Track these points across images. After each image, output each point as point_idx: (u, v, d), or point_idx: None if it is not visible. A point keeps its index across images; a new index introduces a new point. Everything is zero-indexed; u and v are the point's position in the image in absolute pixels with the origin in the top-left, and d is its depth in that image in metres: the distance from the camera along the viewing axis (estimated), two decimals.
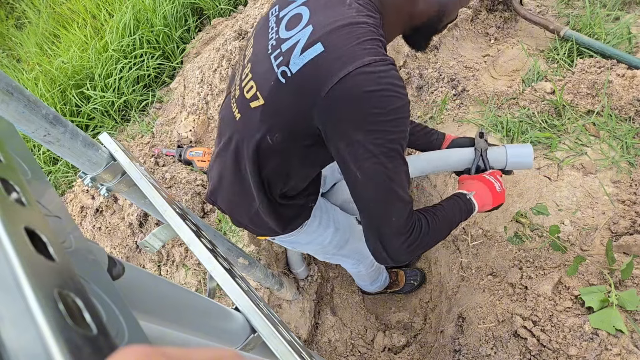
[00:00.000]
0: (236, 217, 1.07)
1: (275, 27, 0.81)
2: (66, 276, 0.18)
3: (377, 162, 0.71)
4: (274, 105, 0.78)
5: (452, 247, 1.65)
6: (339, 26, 0.70)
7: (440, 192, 1.73)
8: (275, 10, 0.84)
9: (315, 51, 0.70)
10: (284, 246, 1.28)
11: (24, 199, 0.21)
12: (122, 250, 1.87)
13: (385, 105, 0.68)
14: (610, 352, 1.05)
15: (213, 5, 2.82)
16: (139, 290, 0.39)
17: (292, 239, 1.14)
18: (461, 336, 1.34)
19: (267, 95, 0.78)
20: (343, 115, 0.70)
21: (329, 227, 1.19)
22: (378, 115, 0.68)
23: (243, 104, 0.86)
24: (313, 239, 1.18)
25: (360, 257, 1.46)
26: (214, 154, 1.02)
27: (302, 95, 0.73)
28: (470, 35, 2.09)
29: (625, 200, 1.29)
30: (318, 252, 1.32)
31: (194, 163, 2.04)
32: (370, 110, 0.68)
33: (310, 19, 0.74)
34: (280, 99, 0.77)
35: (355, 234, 1.32)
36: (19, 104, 0.60)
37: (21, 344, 0.14)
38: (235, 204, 1.04)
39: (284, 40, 0.76)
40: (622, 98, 1.48)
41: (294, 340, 0.60)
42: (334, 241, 1.24)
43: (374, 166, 0.71)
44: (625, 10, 1.85)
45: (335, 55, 0.68)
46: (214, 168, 1.03)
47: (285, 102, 0.76)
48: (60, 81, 2.63)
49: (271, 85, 0.77)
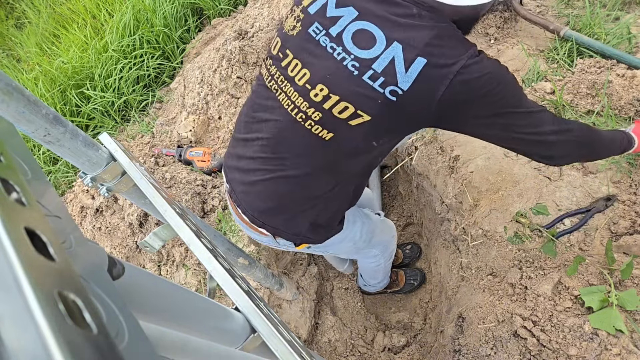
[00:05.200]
0: (294, 229, 1.09)
1: (337, 46, 0.84)
2: (66, 276, 0.18)
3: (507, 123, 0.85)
4: (383, 120, 0.86)
5: (452, 247, 1.65)
6: (429, 39, 0.78)
7: (440, 192, 1.73)
8: (317, 29, 0.87)
9: (420, 64, 0.78)
10: (317, 253, 1.30)
11: (24, 199, 0.21)
12: (122, 250, 1.87)
13: (494, 85, 0.79)
14: (610, 352, 1.05)
15: (213, 5, 2.82)
16: (139, 290, 0.39)
17: (328, 242, 1.17)
18: (461, 336, 1.34)
19: (375, 113, 0.85)
20: (463, 106, 0.81)
21: (356, 222, 1.25)
22: (493, 95, 0.80)
23: (334, 123, 0.88)
24: (345, 236, 1.22)
25: (384, 248, 1.51)
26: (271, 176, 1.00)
27: (417, 105, 0.82)
28: (470, 35, 2.09)
29: (625, 200, 1.29)
30: (351, 249, 1.35)
31: (194, 163, 2.04)
32: (485, 93, 0.79)
33: (386, 34, 0.80)
34: (391, 114, 0.85)
35: (378, 225, 1.39)
36: (19, 104, 0.60)
37: (21, 343, 0.14)
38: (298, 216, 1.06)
39: (369, 60, 0.81)
40: (622, 98, 1.48)
41: (294, 340, 0.60)
42: (364, 234, 1.29)
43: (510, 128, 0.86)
44: (625, 10, 1.85)
45: (439, 63, 0.77)
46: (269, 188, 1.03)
47: (397, 116, 0.85)
48: (60, 81, 2.63)
49: (379, 104, 0.83)
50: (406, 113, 0.84)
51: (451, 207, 1.64)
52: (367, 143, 0.91)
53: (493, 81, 0.79)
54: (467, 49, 0.79)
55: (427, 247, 2.07)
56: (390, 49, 0.80)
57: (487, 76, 0.78)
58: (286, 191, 1.01)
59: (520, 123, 0.86)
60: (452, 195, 1.62)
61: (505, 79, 0.82)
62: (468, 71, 0.77)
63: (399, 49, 0.79)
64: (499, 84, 0.80)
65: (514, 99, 0.84)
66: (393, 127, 0.89)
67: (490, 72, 0.79)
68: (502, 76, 0.82)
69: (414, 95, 0.80)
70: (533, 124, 0.87)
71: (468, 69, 0.77)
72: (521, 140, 0.89)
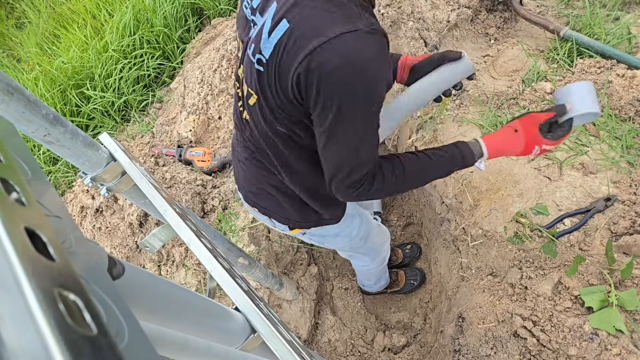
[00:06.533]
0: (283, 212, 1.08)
1: (252, 16, 0.79)
2: (66, 276, 0.18)
3: (346, 127, 0.72)
4: (265, 96, 0.77)
5: (452, 247, 1.65)
6: (292, 3, 0.67)
7: (440, 192, 1.73)
8: (250, 9, 0.81)
9: (282, 29, 0.67)
10: (313, 243, 1.29)
11: (24, 199, 0.21)
12: (122, 250, 1.87)
13: (350, 81, 0.66)
14: (610, 352, 1.05)
15: (213, 5, 2.81)
16: (139, 290, 0.39)
17: (324, 232, 1.16)
18: (461, 336, 1.34)
19: (257, 88, 0.77)
20: (312, 91, 0.69)
21: (355, 218, 1.23)
22: (345, 92, 0.67)
23: (246, 104, 0.86)
24: (342, 230, 1.20)
25: (375, 254, 1.51)
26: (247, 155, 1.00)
27: (280, 79, 0.71)
28: (470, 35, 2.09)
29: (625, 200, 1.29)
30: (345, 245, 1.34)
31: (194, 163, 2.04)
32: (334, 87, 0.67)
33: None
34: (263, 88, 0.76)
35: (374, 228, 1.37)
36: (19, 104, 0.60)
37: (21, 343, 0.14)
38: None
39: (258, 26, 0.75)
40: (622, 98, 1.48)
41: (294, 340, 0.60)
42: (361, 232, 1.28)
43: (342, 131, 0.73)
44: (625, 10, 1.85)
45: (299, 32, 0.66)
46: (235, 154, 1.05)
47: (271, 92, 0.75)
48: (60, 81, 2.63)
49: (255, 76, 0.76)
50: (276, 88, 0.73)
51: (451, 207, 1.64)
52: (271, 126, 0.82)
53: (349, 71, 0.65)
54: (345, 24, 0.64)
55: (427, 247, 2.07)
56: (269, 10, 0.71)
57: (345, 63, 0.64)
58: (257, 173, 1.01)
59: (347, 135, 0.73)
60: (452, 195, 1.62)
61: (365, 77, 0.67)
62: (329, 49, 0.63)
63: (272, 9, 0.70)
64: (354, 78, 0.66)
65: (360, 104, 0.70)
66: (279, 106, 0.76)
67: (352, 61, 0.64)
68: (363, 72, 0.66)
69: (274, 66, 0.70)
70: (357, 145, 0.75)
71: (330, 46, 0.63)
72: (335, 152, 0.77)
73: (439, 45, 1.99)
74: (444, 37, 2.00)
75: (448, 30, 2.00)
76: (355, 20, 0.65)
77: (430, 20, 1.96)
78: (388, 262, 2.05)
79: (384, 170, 0.82)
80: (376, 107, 0.72)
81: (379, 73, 0.68)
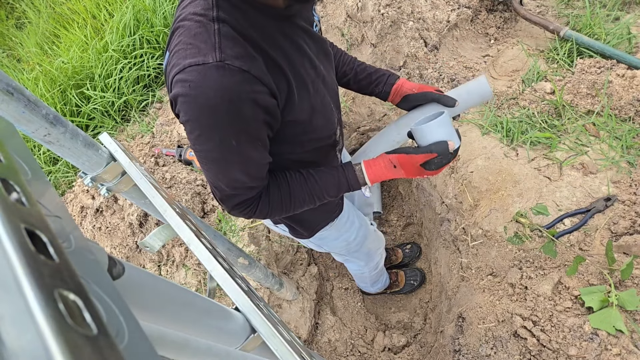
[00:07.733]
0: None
1: None
2: (66, 276, 0.18)
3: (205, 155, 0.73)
4: None
5: (452, 247, 1.65)
6: (173, 30, 0.70)
7: (440, 192, 1.73)
8: None
9: (165, 60, 0.71)
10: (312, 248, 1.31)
11: (24, 199, 0.21)
12: (122, 250, 1.87)
13: (192, 116, 0.66)
14: (610, 352, 1.05)
15: None
16: (139, 290, 0.39)
17: (323, 234, 1.18)
18: (461, 336, 1.34)
19: None
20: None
21: (354, 223, 1.26)
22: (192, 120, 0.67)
23: None
24: (341, 235, 1.24)
25: (368, 258, 1.53)
26: None
27: None
28: (470, 35, 2.09)
29: (625, 200, 1.29)
30: (342, 249, 1.36)
31: (194, 163, 2.04)
32: (184, 119, 0.67)
33: None
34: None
35: (371, 233, 1.40)
36: (19, 104, 0.60)
37: (21, 343, 0.14)
38: None
39: None
40: (622, 98, 1.48)
41: (294, 340, 0.60)
42: (358, 237, 1.31)
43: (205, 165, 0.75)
44: (625, 10, 1.85)
45: (169, 64, 0.68)
46: None
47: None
48: (60, 81, 2.63)
49: None
50: None
51: (451, 207, 1.64)
52: None
53: (191, 103, 0.65)
54: (194, 56, 0.63)
55: (427, 247, 2.07)
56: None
57: (184, 98, 0.64)
58: None
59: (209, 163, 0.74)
60: (452, 195, 1.62)
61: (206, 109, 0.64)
62: (179, 82, 0.64)
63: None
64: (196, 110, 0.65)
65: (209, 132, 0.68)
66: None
67: (194, 93, 0.64)
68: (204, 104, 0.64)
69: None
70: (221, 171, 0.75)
71: (180, 79, 0.64)
72: (206, 174, 0.78)
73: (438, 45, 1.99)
74: (444, 37, 2.00)
75: (448, 30, 2.00)
76: (206, 53, 0.64)
77: (430, 20, 1.96)
78: (388, 262, 2.05)
79: (271, 194, 0.83)
80: (235, 136, 0.69)
81: (222, 105, 0.65)
